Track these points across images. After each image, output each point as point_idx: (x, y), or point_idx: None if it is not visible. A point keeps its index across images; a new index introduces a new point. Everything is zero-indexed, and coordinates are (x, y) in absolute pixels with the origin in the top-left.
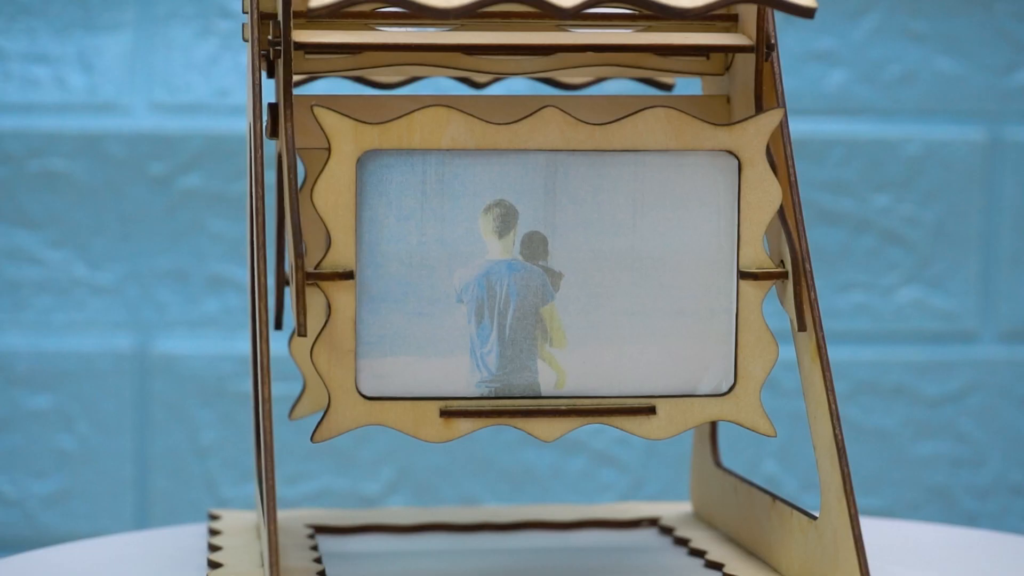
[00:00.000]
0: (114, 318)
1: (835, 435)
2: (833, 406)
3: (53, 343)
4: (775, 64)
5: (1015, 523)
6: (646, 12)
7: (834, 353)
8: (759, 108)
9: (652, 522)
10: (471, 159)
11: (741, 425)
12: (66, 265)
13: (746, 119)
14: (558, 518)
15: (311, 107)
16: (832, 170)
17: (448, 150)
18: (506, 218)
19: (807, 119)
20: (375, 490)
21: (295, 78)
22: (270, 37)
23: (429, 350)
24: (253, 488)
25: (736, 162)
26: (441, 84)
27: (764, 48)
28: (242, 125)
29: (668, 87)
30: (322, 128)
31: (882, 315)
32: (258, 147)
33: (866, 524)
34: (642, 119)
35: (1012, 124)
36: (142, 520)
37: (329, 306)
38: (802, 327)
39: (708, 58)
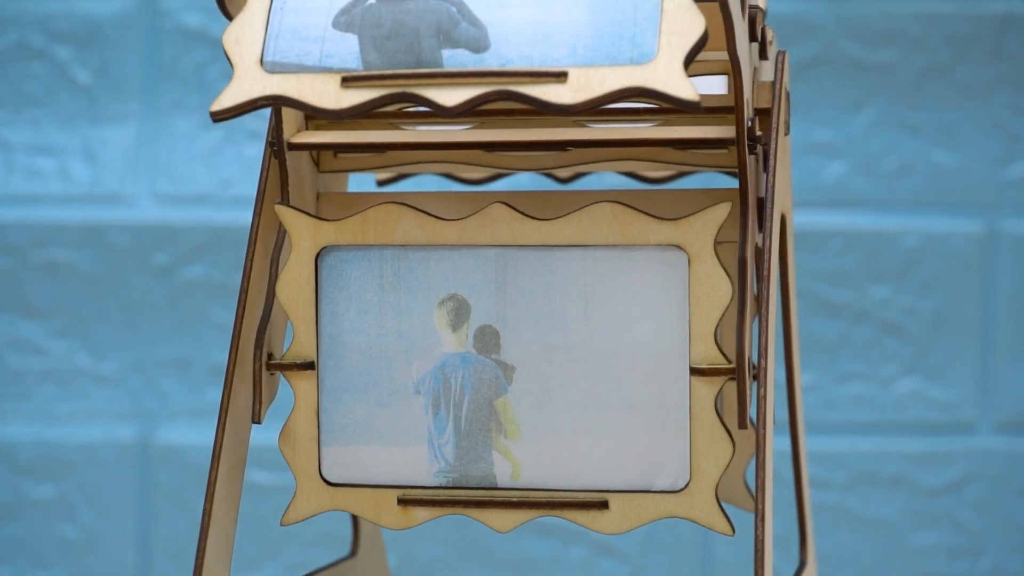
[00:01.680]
0: (117, 408)
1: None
2: (761, 506)
3: (56, 433)
4: (772, 156)
5: None
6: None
7: (833, 444)
8: (744, 201)
9: None
10: (425, 254)
11: (696, 523)
12: (69, 355)
13: (693, 213)
14: None
15: (274, 204)
16: (831, 261)
17: (403, 246)
18: (459, 312)
19: (806, 210)
20: None
21: (334, 175)
22: (268, 139)
23: (389, 439)
24: None
25: (685, 256)
26: (519, 181)
27: (747, 141)
28: (244, 216)
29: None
30: (283, 225)
31: (881, 405)
32: (253, 241)
33: None
34: (588, 214)
35: (1009, 216)
36: None
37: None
38: (742, 425)
39: (728, 150)
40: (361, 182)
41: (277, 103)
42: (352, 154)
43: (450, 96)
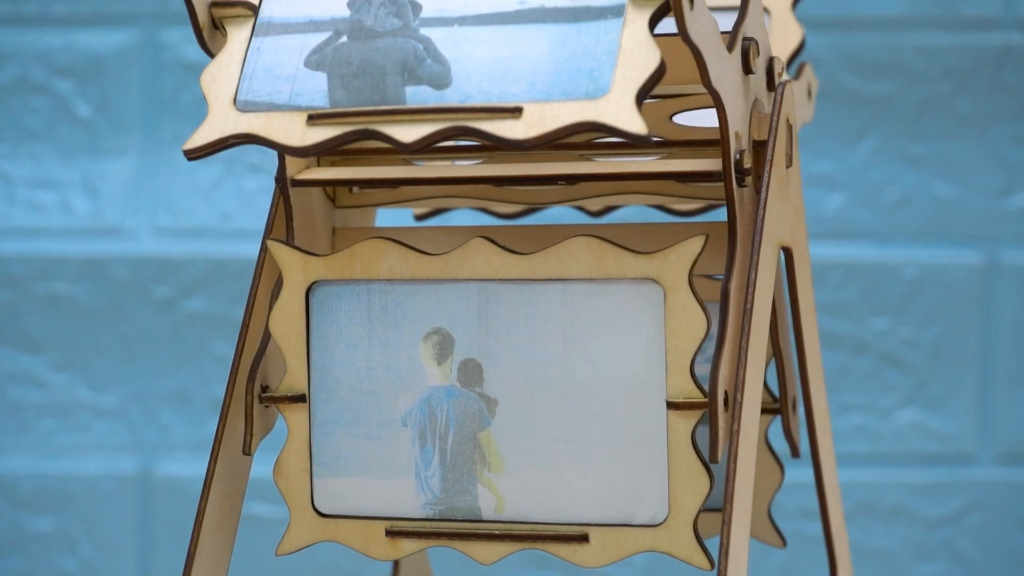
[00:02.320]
0: (117, 441)
1: None
2: None
3: (56, 466)
4: (764, 189)
5: None
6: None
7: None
8: (732, 236)
9: None
10: (411, 288)
11: (675, 557)
12: (70, 388)
13: (667, 247)
14: None
15: (266, 241)
16: (831, 292)
17: (389, 280)
18: (443, 345)
19: None
20: None
21: (360, 211)
22: (275, 175)
23: (378, 472)
24: None
25: (661, 290)
26: (553, 214)
27: (734, 173)
28: (244, 248)
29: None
30: (276, 261)
31: (881, 437)
32: (257, 275)
33: None
34: (565, 248)
35: (1009, 247)
36: None
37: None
38: (712, 459)
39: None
40: (398, 217)
41: (247, 141)
42: (373, 189)
43: (409, 132)
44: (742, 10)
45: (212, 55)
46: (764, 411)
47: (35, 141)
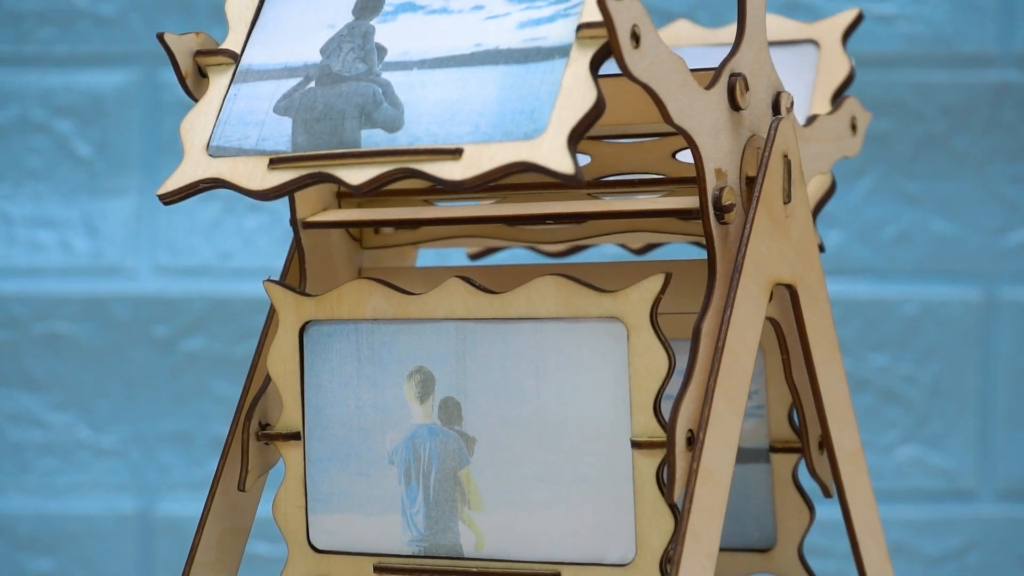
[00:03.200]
0: (117, 480)
1: None
2: None
3: (56, 506)
4: (747, 226)
5: None
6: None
7: (834, 512)
8: (712, 274)
9: None
10: (395, 327)
11: None
12: (70, 427)
13: (629, 285)
14: None
15: (263, 282)
16: None
17: (375, 320)
18: (425, 384)
19: None
20: None
21: (399, 251)
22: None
23: (368, 508)
24: None
25: (625, 328)
26: (600, 252)
27: (712, 210)
28: (244, 288)
29: None
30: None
31: (881, 473)
32: (271, 316)
33: None
34: (534, 287)
35: (1007, 284)
36: None
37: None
38: (669, 498)
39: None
40: (450, 256)
41: (215, 186)
42: (395, 230)
43: (358, 175)
44: (734, 46)
45: (196, 101)
46: (788, 450)
47: (35, 181)
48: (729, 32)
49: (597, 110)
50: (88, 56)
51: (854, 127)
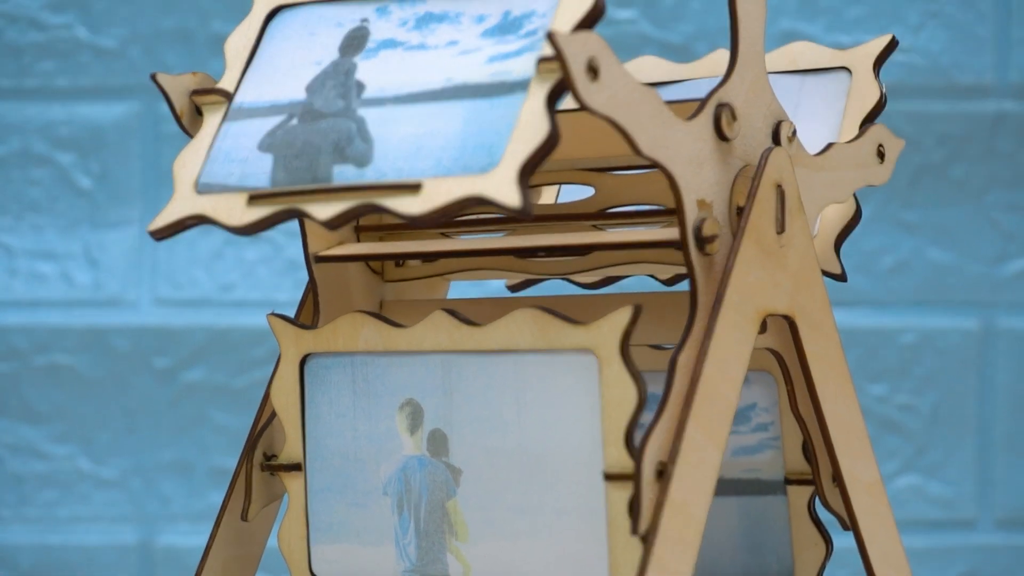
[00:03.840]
0: (118, 512)
1: None
2: None
3: (57, 537)
4: (731, 256)
5: None
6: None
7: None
8: (693, 305)
9: None
10: (387, 360)
11: None
12: (70, 459)
13: (601, 317)
14: None
15: (267, 315)
16: None
17: (368, 352)
18: (415, 416)
19: None
20: None
21: (428, 283)
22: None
23: (364, 539)
24: None
25: (597, 361)
26: (631, 284)
27: (693, 241)
28: (244, 319)
29: None
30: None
31: None
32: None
33: None
34: (512, 319)
35: (1005, 313)
36: None
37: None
38: (633, 530)
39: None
40: (489, 287)
41: (200, 222)
42: (415, 263)
43: (325, 210)
44: (725, 76)
45: (192, 137)
46: (803, 483)
47: (36, 213)
48: (771, 59)
49: (549, 143)
50: (89, 88)
51: (881, 154)
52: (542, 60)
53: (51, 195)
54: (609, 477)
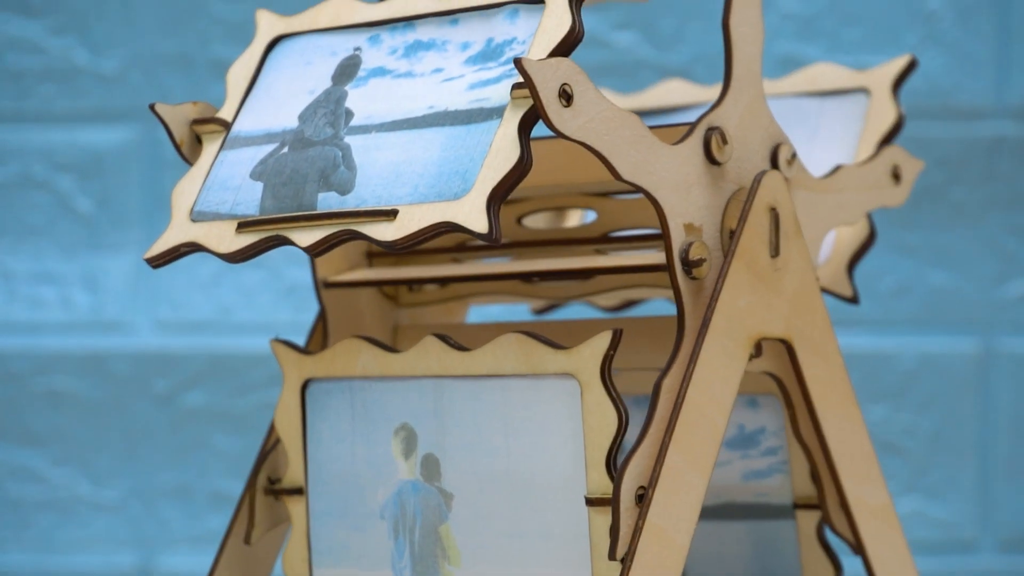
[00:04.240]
0: (117, 535)
1: None
2: None
3: (56, 561)
4: (719, 280)
5: None
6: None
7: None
8: (680, 329)
9: None
10: (383, 385)
11: None
12: (70, 483)
13: (582, 342)
14: None
15: (270, 341)
16: None
17: (365, 378)
18: (409, 441)
19: None
20: None
21: (446, 307)
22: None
23: (363, 563)
24: None
25: (579, 385)
26: (656, 307)
27: (679, 265)
28: (244, 343)
29: None
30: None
31: None
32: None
33: None
34: (498, 345)
35: (1005, 335)
36: None
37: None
38: (611, 555)
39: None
40: (517, 312)
41: (193, 249)
42: (430, 287)
43: (308, 237)
44: (718, 100)
45: (191, 165)
46: (812, 507)
47: (36, 237)
48: (793, 81)
49: (519, 170)
50: (89, 113)
51: (897, 176)
52: (515, 87)
53: (51, 219)
54: (591, 502)
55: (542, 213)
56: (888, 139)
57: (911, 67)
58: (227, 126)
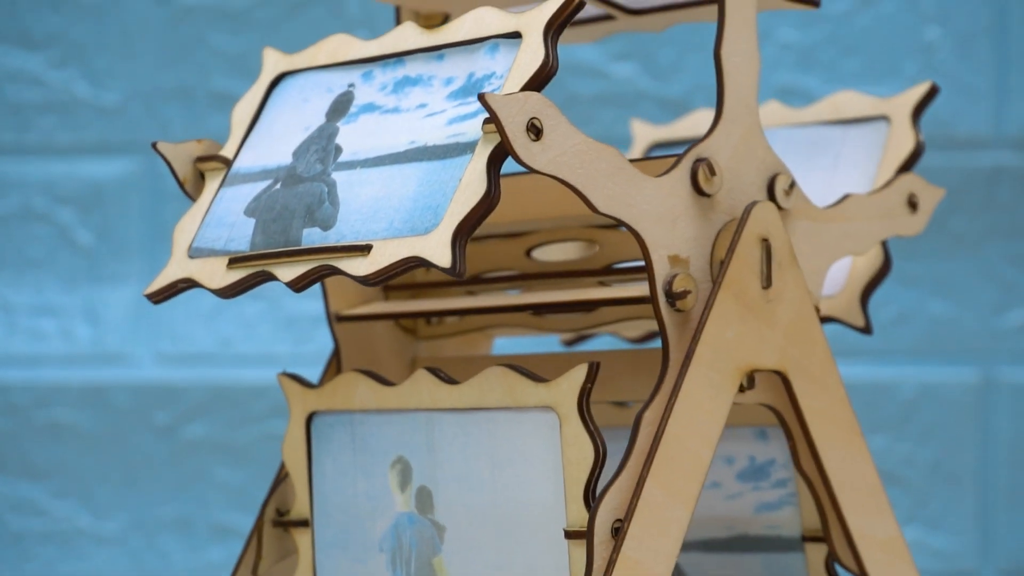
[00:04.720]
0: (118, 568)
1: None
2: None
3: None
4: (705, 312)
5: None
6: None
7: None
8: (665, 361)
9: None
10: (380, 418)
11: None
12: (70, 515)
13: (560, 375)
14: None
15: (277, 375)
16: None
17: (363, 411)
18: (404, 473)
19: None
20: None
21: (468, 339)
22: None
23: None
24: None
25: (558, 418)
26: None
27: (664, 298)
28: (244, 374)
29: None
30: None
31: None
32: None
33: None
34: (484, 377)
35: (1005, 364)
36: None
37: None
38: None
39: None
40: (548, 343)
41: (190, 285)
42: (447, 320)
43: (290, 272)
44: (708, 130)
45: (194, 201)
46: (820, 540)
47: (37, 269)
48: (818, 109)
49: (486, 204)
50: (89, 145)
51: (913, 204)
52: (485, 122)
53: (51, 251)
54: (570, 535)
55: (555, 245)
56: (907, 167)
57: (931, 94)
58: (228, 163)
